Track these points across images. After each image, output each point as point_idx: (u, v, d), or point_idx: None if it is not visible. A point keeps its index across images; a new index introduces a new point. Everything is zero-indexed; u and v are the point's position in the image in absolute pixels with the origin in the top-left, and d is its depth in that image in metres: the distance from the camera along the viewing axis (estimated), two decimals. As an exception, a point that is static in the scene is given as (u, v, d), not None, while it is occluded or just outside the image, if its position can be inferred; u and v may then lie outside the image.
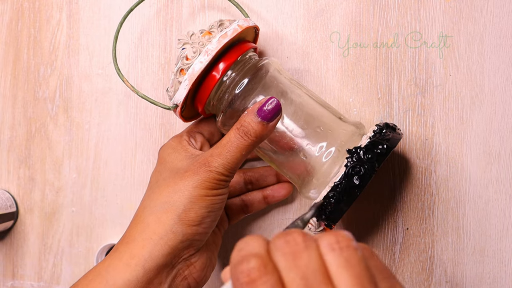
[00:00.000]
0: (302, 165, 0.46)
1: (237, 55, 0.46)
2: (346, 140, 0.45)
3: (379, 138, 0.44)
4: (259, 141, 0.43)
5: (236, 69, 0.46)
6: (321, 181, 0.45)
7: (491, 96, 0.49)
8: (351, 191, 0.42)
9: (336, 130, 0.46)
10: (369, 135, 0.44)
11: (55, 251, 0.58)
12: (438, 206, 0.50)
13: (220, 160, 0.42)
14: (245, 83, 0.45)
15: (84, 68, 0.58)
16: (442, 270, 0.50)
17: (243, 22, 0.46)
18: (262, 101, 0.43)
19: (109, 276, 0.41)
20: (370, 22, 0.51)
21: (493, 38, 0.49)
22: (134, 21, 0.56)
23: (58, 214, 0.58)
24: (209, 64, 0.44)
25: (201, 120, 0.51)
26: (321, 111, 0.47)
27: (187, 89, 0.44)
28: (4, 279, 0.60)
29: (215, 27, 0.45)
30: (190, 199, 0.42)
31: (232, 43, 0.46)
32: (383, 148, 0.43)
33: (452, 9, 0.50)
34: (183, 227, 0.42)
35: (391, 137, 0.44)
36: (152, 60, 0.56)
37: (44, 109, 0.58)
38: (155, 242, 0.42)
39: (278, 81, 0.47)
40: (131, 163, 0.56)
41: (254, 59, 0.47)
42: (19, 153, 0.59)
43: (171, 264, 0.42)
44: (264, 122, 0.42)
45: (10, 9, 0.59)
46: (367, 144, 0.43)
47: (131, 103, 0.56)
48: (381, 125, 0.45)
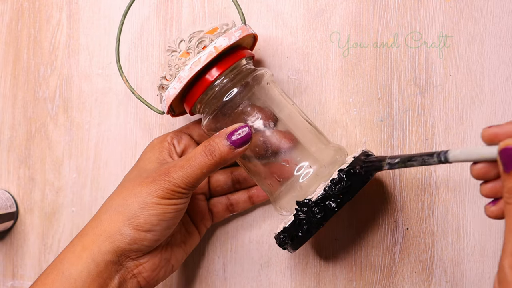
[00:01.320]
0: (276, 180, 0.46)
1: (230, 62, 0.45)
2: (326, 164, 0.45)
3: (334, 191, 0.43)
4: (223, 164, 0.44)
5: (228, 76, 0.46)
6: (290, 204, 0.46)
7: (491, 96, 0.49)
8: (297, 239, 0.44)
9: (318, 152, 0.46)
10: (324, 186, 0.44)
11: (55, 251, 0.58)
12: (438, 206, 0.50)
13: (180, 173, 0.43)
14: (234, 92, 0.45)
15: (84, 68, 0.58)
16: (442, 270, 0.50)
17: (222, 41, 0.44)
18: (236, 126, 0.44)
19: (64, 268, 0.44)
20: (370, 22, 0.51)
21: (493, 38, 0.49)
22: (134, 21, 0.56)
23: (58, 214, 0.58)
24: (184, 87, 0.44)
25: (195, 121, 0.51)
26: (307, 130, 0.47)
27: (167, 106, 0.46)
28: (4, 279, 0.60)
29: (193, 47, 0.45)
30: (141, 205, 0.44)
31: (229, 48, 0.45)
32: (331, 206, 0.43)
33: (452, 9, 0.50)
34: (131, 230, 0.44)
35: (349, 189, 0.43)
36: (152, 60, 0.56)
37: (44, 109, 0.58)
38: (103, 239, 0.44)
39: (268, 94, 0.47)
40: (131, 163, 0.56)
41: (248, 68, 0.47)
42: (19, 153, 0.59)
43: (118, 261, 0.44)
44: (232, 146, 0.43)
45: (10, 9, 0.59)
46: (318, 199, 0.43)
47: (131, 103, 0.56)
48: (344, 170, 0.44)
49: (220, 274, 0.55)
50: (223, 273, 0.55)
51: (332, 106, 0.52)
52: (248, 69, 0.47)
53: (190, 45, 0.45)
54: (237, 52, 0.46)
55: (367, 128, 0.51)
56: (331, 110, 0.52)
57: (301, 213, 0.43)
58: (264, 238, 0.54)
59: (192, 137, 0.50)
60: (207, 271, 0.55)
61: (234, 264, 0.54)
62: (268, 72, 0.47)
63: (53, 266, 0.45)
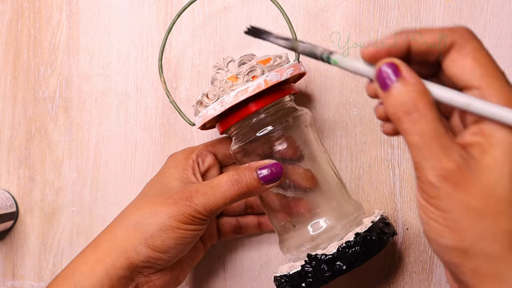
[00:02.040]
0: (289, 223, 0.46)
1: (275, 97, 0.44)
2: (344, 223, 0.45)
3: (347, 253, 0.42)
4: (247, 196, 0.43)
5: (267, 111, 0.45)
6: (298, 251, 0.45)
7: (491, 96, 0.49)
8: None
9: (338, 208, 0.45)
10: (338, 245, 0.43)
11: (55, 251, 0.58)
12: (438, 206, 0.50)
13: (202, 199, 0.43)
14: (268, 129, 0.44)
15: (84, 68, 0.58)
16: (442, 270, 0.50)
17: (274, 77, 0.43)
18: (267, 162, 0.43)
19: (76, 280, 0.43)
20: (370, 22, 0.51)
21: (493, 38, 0.49)
22: (134, 21, 0.56)
23: (58, 214, 0.58)
24: (224, 111, 0.43)
25: (221, 140, 0.50)
26: (333, 182, 0.46)
27: (202, 123, 0.45)
28: (4, 279, 0.60)
29: (243, 73, 0.43)
30: (161, 227, 0.43)
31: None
32: (340, 267, 0.42)
33: (452, 9, 0.50)
34: (147, 250, 0.43)
35: (362, 255, 0.43)
36: (152, 60, 0.56)
37: (44, 109, 0.58)
38: (118, 254, 0.43)
39: (303, 137, 0.46)
40: (131, 163, 0.56)
41: (288, 108, 0.46)
42: (19, 153, 0.59)
43: (130, 277, 0.44)
44: (261, 181, 0.43)
45: (10, 9, 0.59)
46: (329, 257, 0.42)
47: (131, 103, 0.56)
48: (361, 235, 0.43)
49: (220, 274, 0.55)
50: (223, 273, 0.55)
51: (332, 106, 0.52)
52: (289, 108, 0.46)
53: (240, 71, 0.43)
54: (283, 88, 0.45)
55: (367, 128, 0.51)
56: (331, 110, 0.52)
57: (309, 266, 0.43)
58: (264, 238, 0.54)
59: (217, 157, 0.49)
60: (207, 271, 0.55)
61: (234, 264, 0.54)
62: (309, 114, 0.46)
63: (64, 277, 0.44)
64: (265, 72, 0.43)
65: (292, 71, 0.44)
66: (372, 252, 0.43)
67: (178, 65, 0.55)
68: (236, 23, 0.54)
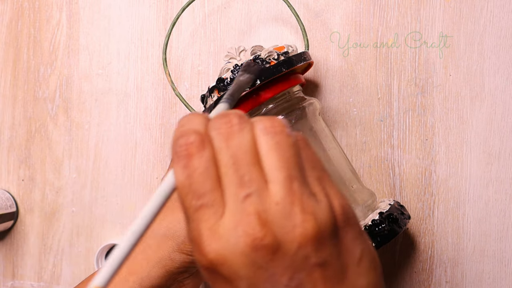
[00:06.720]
0: None
1: (282, 88, 0.44)
2: (365, 205, 0.45)
3: (374, 231, 0.43)
4: None
5: (276, 101, 0.45)
6: None
7: (491, 96, 0.49)
8: None
9: (358, 191, 0.46)
10: (364, 224, 0.43)
11: (55, 251, 0.58)
12: (438, 206, 0.50)
13: None
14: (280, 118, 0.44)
15: (84, 68, 0.58)
16: (442, 270, 0.50)
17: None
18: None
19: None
20: (370, 22, 0.51)
21: (493, 38, 0.49)
22: (134, 21, 0.56)
23: (58, 214, 0.58)
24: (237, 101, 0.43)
25: None
26: (348, 168, 0.46)
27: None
28: (4, 279, 0.60)
29: (262, 58, 0.43)
30: None
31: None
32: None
33: (452, 9, 0.50)
34: (181, 255, 0.43)
35: (389, 232, 0.43)
36: (152, 60, 0.56)
37: (44, 109, 0.58)
38: (153, 264, 0.43)
39: (312, 128, 0.46)
40: (131, 163, 0.56)
41: (296, 97, 0.46)
42: (19, 153, 0.59)
43: (165, 285, 0.44)
44: None
45: (10, 9, 0.59)
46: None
47: (131, 103, 0.56)
48: (384, 214, 0.44)
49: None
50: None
51: (332, 106, 0.52)
52: (298, 98, 0.46)
53: (259, 56, 0.43)
54: (292, 79, 0.45)
55: (367, 128, 0.51)
56: (331, 110, 0.52)
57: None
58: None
59: None
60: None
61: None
62: (319, 103, 0.46)
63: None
64: (281, 57, 0.43)
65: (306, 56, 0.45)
66: (396, 231, 0.44)
67: (178, 65, 0.55)
68: (236, 23, 0.54)
